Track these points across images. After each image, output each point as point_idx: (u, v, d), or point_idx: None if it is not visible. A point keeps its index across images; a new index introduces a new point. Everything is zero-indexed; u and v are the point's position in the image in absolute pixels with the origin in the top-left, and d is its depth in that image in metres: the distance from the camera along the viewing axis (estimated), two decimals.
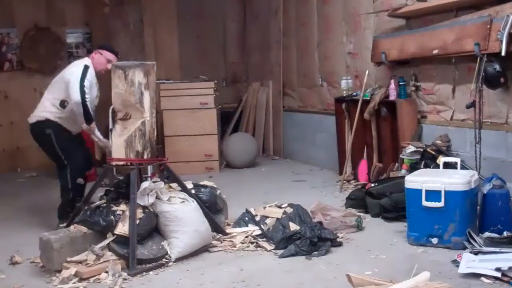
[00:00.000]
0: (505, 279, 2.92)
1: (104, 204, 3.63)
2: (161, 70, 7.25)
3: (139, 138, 3.68)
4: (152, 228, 3.58)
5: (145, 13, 7.83)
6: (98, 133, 4.41)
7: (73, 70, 4.35)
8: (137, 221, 3.45)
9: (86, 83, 4.23)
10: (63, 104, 4.33)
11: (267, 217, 4.01)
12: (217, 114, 6.99)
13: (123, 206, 3.58)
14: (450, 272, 3.14)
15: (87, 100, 4.20)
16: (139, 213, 3.50)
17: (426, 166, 4.55)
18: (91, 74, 4.33)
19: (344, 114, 5.94)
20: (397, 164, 5.04)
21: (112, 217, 3.51)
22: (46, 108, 4.39)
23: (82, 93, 4.17)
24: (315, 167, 6.79)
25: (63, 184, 4.40)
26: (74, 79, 4.23)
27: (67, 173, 4.36)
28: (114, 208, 3.57)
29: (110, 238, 3.47)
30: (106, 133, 4.76)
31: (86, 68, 4.31)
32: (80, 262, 3.36)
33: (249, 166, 7.11)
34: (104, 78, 4.41)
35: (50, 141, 4.35)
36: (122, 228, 3.45)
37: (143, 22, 7.79)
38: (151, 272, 3.39)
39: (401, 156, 4.92)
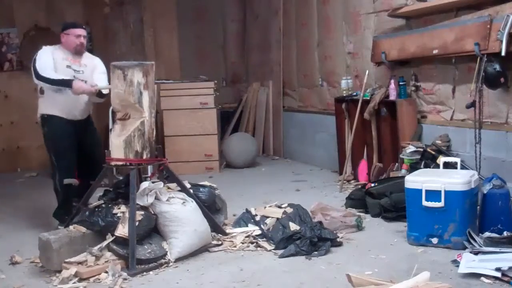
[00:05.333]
0: (505, 279, 2.92)
1: (103, 205, 3.62)
2: (161, 70, 7.25)
3: (138, 138, 3.67)
4: (151, 228, 3.57)
5: (145, 13, 7.82)
6: (86, 86, 4.20)
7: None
8: (137, 222, 3.45)
9: (39, 62, 4.19)
10: (41, 90, 4.30)
11: (267, 217, 4.00)
12: (217, 114, 6.98)
13: (122, 207, 3.57)
14: (450, 272, 3.14)
15: (42, 73, 4.13)
16: (139, 214, 3.49)
17: (426, 166, 4.55)
18: (46, 53, 4.26)
19: (344, 114, 5.93)
20: (397, 164, 5.03)
21: (111, 218, 3.51)
22: (38, 105, 4.37)
23: (34, 70, 4.15)
24: (315, 167, 6.79)
25: (53, 186, 4.36)
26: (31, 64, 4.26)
27: (55, 174, 4.30)
28: (115, 210, 3.55)
29: (109, 239, 3.46)
30: (106, 133, 4.73)
31: (39, 51, 4.29)
32: (79, 263, 3.35)
33: (249, 166, 7.10)
34: None
35: (44, 139, 4.33)
36: (122, 230, 3.44)
37: (143, 22, 7.78)
38: (151, 272, 3.38)
39: (401, 156, 4.91)
